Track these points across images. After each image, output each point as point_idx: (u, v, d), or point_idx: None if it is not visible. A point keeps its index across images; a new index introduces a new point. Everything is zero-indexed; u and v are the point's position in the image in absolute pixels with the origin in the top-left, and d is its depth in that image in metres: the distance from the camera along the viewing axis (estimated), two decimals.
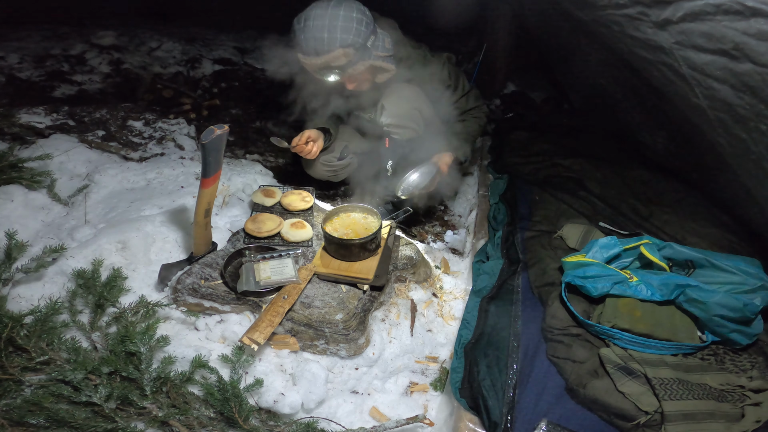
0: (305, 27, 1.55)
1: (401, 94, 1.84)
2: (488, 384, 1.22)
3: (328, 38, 1.53)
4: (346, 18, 1.54)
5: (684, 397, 1.17)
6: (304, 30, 1.55)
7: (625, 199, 2.01)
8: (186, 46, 3.49)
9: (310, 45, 1.55)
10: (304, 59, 1.60)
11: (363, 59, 1.62)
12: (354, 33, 1.55)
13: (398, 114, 1.85)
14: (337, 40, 1.53)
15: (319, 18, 1.53)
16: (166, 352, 1.31)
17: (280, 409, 1.26)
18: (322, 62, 1.58)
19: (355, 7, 1.58)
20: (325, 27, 1.53)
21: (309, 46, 1.55)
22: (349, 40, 1.54)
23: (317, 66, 1.60)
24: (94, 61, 3.04)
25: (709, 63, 1.33)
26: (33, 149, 1.96)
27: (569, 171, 2.21)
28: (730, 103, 1.37)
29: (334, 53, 1.55)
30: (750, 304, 1.31)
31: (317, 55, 1.56)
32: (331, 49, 1.54)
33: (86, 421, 1.11)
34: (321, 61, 1.57)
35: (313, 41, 1.54)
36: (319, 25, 1.53)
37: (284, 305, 1.40)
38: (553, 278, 1.55)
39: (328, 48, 1.54)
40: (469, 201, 2.45)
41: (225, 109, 2.87)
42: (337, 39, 1.53)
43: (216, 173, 1.40)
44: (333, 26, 1.53)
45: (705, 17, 1.21)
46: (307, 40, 1.55)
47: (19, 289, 1.41)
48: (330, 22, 1.53)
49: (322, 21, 1.53)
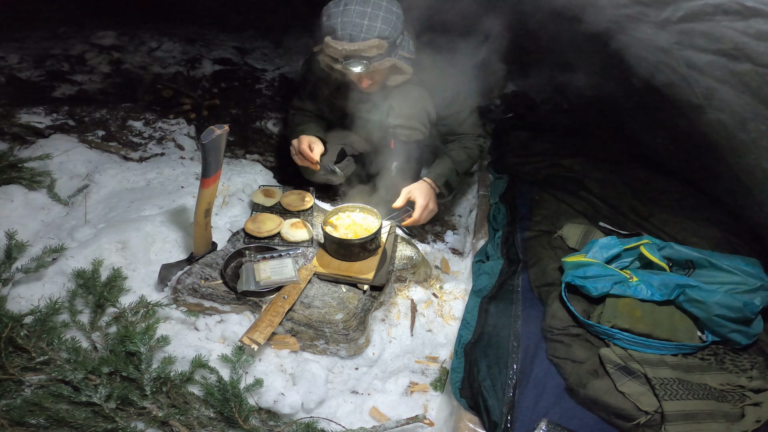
0: (345, 10, 1.50)
1: (409, 95, 1.79)
2: (488, 384, 1.22)
3: (368, 25, 1.49)
4: (388, 10, 1.52)
5: (684, 397, 1.17)
6: (343, 13, 1.50)
7: (625, 199, 2.01)
8: (186, 46, 3.49)
9: (346, 29, 1.50)
10: (334, 43, 1.53)
11: (390, 55, 1.58)
12: (392, 26, 1.53)
13: (407, 115, 1.80)
14: (376, 29, 1.50)
15: (361, 4, 1.50)
16: (166, 352, 1.31)
17: (280, 409, 1.26)
18: (353, 49, 1.51)
19: (395, 2, 1.56)
20: (367, 14, 1.49)
21: (345, 30, 1.50)
22: (387, 32, 1.52)
23: (346, 52, 1.53)
24: (94, 61, 3.04)
25: (709, 63, 1.33)
26: (33, 149, 1.96)
27: (569, 171, 2.21)
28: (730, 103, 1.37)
29: (369, 42, 1.51)
30: (750, 304, 1.31)
31: (351, 40, 1.51)
32: (368, 37, 1.50)
33: (86, 421, 1.11)
34: (353, 47, 1.51)
35: (351, 26, 1.49)
36: (361, 10, 1.49)
37: (284, 305, 1.40)
38: (553, 278, 1.56)
39: (366, 35, 1.50)
40: (469, 201, 2.45)
41: (225, 109, 2.86)
42: (376, 28, 1.50)
43: (216, 173, 1.40)
44: (375, 14, 1.50)
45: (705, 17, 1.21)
46: (344, 23, 1.50)
47: (19, 289, 1.41)
48: (373, 9, 1.50)
49: (365, 7, 1.50)
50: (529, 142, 2.50)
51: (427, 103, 1.83)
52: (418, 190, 1.77)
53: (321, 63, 1.69)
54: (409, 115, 1.80)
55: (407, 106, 1.79)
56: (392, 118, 1.80)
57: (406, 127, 1.81)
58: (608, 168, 2.23)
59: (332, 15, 1.52)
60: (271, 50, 3.82)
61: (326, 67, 1.70)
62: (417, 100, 1.81)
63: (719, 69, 1.30)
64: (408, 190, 1.77)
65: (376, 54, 1.54)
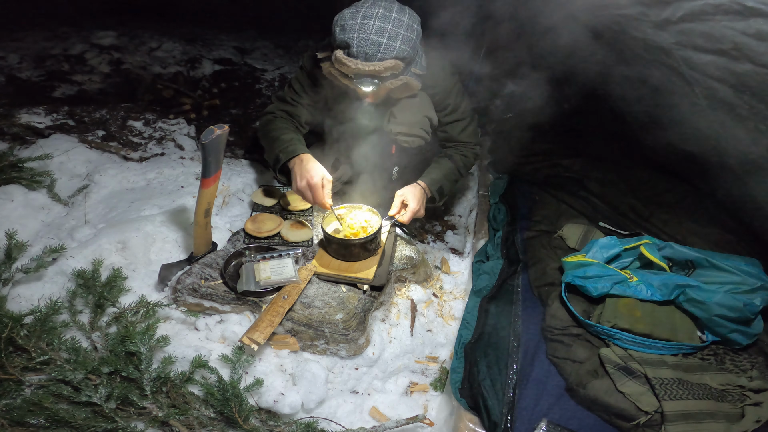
0: (362, 25, 1.35)
1: (410, 101, 1.72)
2: (488, 384, 1.22)
3: (386, 45, 1.36)
4: (409, 27, 1.39)
5: (684, 397, 1.17)
6: (360, 28, 1.34)
7: (625, 199, 2.01)
8: (186, 46, 3.49)
9: (362, 46, 1.35)
10: (347, 60, 1.39)
11: (403, 74, 1.48)
12: (411, 46, 1.40)
13: (409, 122, 1.72)
14: (395, 50, 1.37)
15: (381, 19, 1.35)
16: (166, 352, 1.31)
17: (280, 409, 1.26)
18: (366, 69, 1.38)
19: (416, 18, 1.43)
20: (387, 31, 1.35)
21: (361, 47, 1.35)
22: (405, 52, 1.39)
23: (358, 72, 1.40)
24: (94, 61, 3.04)
25: (709, 63, 1.33)
26: (33, 149, 1.96)
27: (569, 171, 2.21)
28: (730, 103, 1.37)
29: (385, 63, 1.37)
30: (750, 304, 1.31)
31: (366, 59, 1.37)
32: (384, 57, 1.37)
33: (86, 421, 1.11)
34: (368, 68, 1.38)
35: (369, 44, 1.35)
36: (381, 27, 1.35)
37: (284, 305, 1.40)
38: (553, 278, 1.56)
39: (383, 55, 1.36)
40: (469, 201, 2.45)
41: (225, 109, 2.86)
42: (395, 48, 1.37)
43: (216, 173, 1.40)
44: (395, 33, 1.36)
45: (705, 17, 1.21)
46: (361, 40, 1.35)
47: (19, 289, 1.41)
48: (393, 27, 1.36)
49: (385, 23, 1.35)
50: (529, 142, 2.50)
51: (429, 110, 1.77)
52: (412, 194, 1.73)
53: (324, 70, 1.58)
54: (411, 123, 1.73)
55: (410, 113, 1.73)
56: (393, 125, 1.73)
57: (408, 134, 1.75)
58: (608, 168, 2.23)
59: (347, 28, 1.37)
60: (271, 50, 3.82)
61: (329, 75, 1.59)
62: (418, 107, 1.75)
63: (719, 69, 1.30)
64: (402, 195, 1.73)
65: (389, 74, 1.43)
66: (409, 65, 1.50)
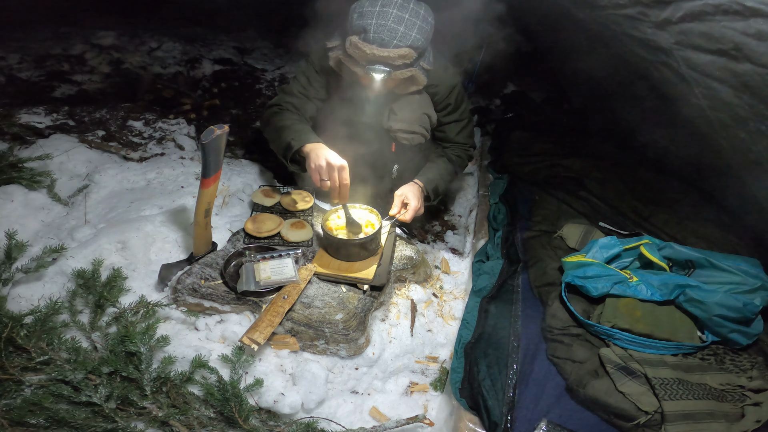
0: (381, 12, 1.41)
1: (410, 98, 1.75)
2: (488, 384, 1.22)
3: (403, 33, 1.41)
4: (425, 19, 1.45)
5: (684, 397, 1.17)
6: (379, 15, 1.40)
7: (625, 199, 2.01)
8: (186, 46, 3.49)
9: (380, 33, 1.41)
10: (362, 45, 1.44)
11: (413, 66, 1.53)
12: (426, 36, 1.47)
13: (409, 119, 1.75)
14: (410, 38, 1.43)
15: (400, 8, 1.42)
16: (166, 352, 1.31)
17: (280, 409, 1.26)
18: (382, 56, 1.44)
19: (431, 12, 1.49)
20: (404, 20, 1.41)
21: (378, 33, 1.41)
22: (419, 42, 1.45)
23: (373, 57, 1.45)
24: (94, 61, 3.04)
25: (708, 63, 1.33)
26: (33, 149, 1.96)
27: (569, 171, 2.21)
28: (730, 103, 1.37)
29: (400, 50, 1.44)
30: (750, 304, 1.31)
31: (382, 45, 1.43)
32: (400, 45, 1.43)
33: (86, 421, 1.11)
34: (383, 54, 1.43)
35: (386, 30, 1.41)
36: (399, 16, 1.41)
37: (284, 305, 1.40)
38: (553, 278, 1.56)
39: (399, 43, 1.42)
40: (469, 201, 2.45)
41: (225, 109, 2.86)
42: (411, 37, 1.43)
43: (216, 173, 1.40)
44: (412, 23, 1.42)
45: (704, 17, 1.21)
46: (378, 26, 1.40)
47: (19, 289, 1.41)
48: (410, 17, 1.42)
49: (403, 12, 1.41)
50: (529, 142, 2.50)
51: (429, 108, 1.79)
52: (412, 192, 1.75)
53: (331, 60, 1.62)
54: (411, 120, 1.76)
55: (409, 110, 1.75)
56: (393, 122, 1.76)
57: (408, 131, 1.78)
58: (608, 168, 2.23)
59: (366, 14, 1.43)
60: (271, 50, 3.83)
61: (335, 65, 1.63)
62: (419, 104, 1.77)
63: (719, 69, 1.30)
64: (402, 195, 1.75)
65: (401, 63, 1.48)
66: (420, 57, 1.54)
